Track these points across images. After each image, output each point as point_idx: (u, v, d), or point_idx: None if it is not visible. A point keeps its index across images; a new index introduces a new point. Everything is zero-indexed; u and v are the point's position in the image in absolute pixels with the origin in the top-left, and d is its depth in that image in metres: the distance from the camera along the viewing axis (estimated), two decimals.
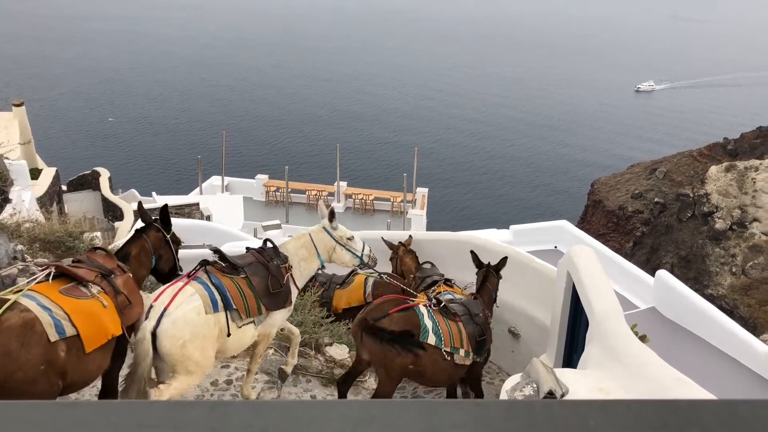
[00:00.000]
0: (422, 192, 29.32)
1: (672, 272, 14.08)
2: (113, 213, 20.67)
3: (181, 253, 5.99)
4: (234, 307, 5.29)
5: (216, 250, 5.74)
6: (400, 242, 9.58)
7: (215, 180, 29.45)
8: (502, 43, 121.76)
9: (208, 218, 21.17)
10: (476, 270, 7.77)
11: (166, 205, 5.86)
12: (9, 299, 4.21)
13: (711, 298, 32.07)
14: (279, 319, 5.87)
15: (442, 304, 6.62)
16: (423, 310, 6.32)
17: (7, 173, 12.37)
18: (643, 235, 45.50)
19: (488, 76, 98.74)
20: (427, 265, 9.00)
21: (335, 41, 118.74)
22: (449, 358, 6.30)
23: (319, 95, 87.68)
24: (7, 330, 4.06)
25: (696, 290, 11.52)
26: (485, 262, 7.83)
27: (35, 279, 4.63)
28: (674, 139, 70.02)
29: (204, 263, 5.44)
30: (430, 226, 28.04)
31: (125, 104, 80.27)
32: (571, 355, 6.92)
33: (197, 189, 28.63)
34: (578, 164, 67.68)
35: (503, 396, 4.56)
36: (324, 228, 6.30)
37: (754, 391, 7.93)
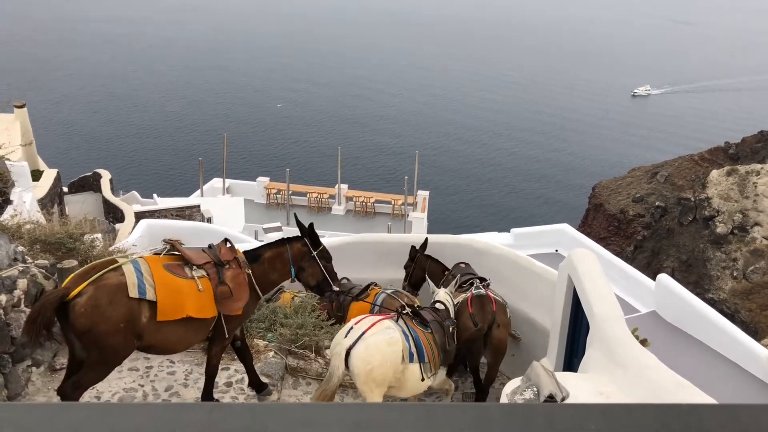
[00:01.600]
0: (423, 195, 29.32)
1: (673, 276, 14.07)
2: (114, 215, 20.68)
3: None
4: (426, 360, 6.22)
5: (412, 309, 6.78)
6: (413, 246, 9.45)
7: (216, 182, 29.47)
8: (503, 47, 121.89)
9: (209, 220, 21.18)
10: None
11: (312, 224, 6.39)
12: (118, 262, 5.06)
13: (712, 303, 32.02)
14: (443, 373, 6.80)
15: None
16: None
17: (8, 175, 12.37)
18: (644, 239, 45.46)
19: (489, 80, 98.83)
20: (462, 265, 8.98)
21: (337, 44, 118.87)
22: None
23: (321, 98, 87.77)
24: (103, 287, 4.88)
25: (697, 294, 11.51)
26: (482, 264, 7.90)
27: (153, 250, 5.48)
28: (675, 143, 70.00)
29: (401, 311, 6.50)
30: (431, 229, 28.02)
31: (127, 106, 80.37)
32: (571, 359, 6.91)
33: (198, 191, 28.65)
34: (579, 168, 67.69)
35: (504, 399, 4.55)
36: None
37: (755, 395, 7.91)
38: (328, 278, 6.14)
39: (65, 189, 21.86)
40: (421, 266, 9.19)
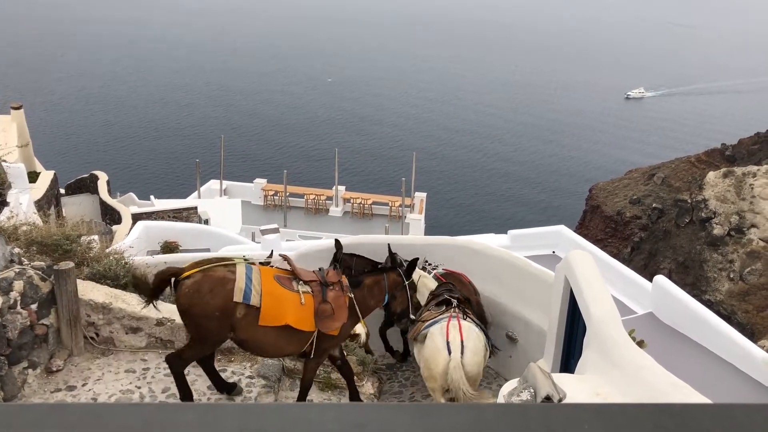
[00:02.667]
0: (420, 196, 29.32)
1: (670, 278, 14.08)
2: (111, 216, 20.65)
3: (182, 255, 6.12)
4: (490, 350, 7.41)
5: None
6: (336, 240, 8.56)
7: (213, 184, 29.44)
8: (500, 48, 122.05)
9: (206, 222, 21.15)
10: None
11: (416, 260, 6.92)
12: (232, 261, 5.72)
13: (709, 304, 32.09)
14: None
15: None
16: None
17: (5, 176, 12.35)
18: (641, 241, 45.53)
19: (486, 81, 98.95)
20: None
21: (334, 46, 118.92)
22: None
23: (318, 99, 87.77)
24: (208, 277, 5.55)
25: (694, 296, 11.51)
26: (479, 266, 7.89)
27: (269, 263, 6.09)
28: (668, 146, 70.11)
29: (456, 304, 7.30)
30: (428, 231, 28.06)
31: (125, 108, 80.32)
32: (568, 360, 6.91)
33: (195, 193, 28.61)
34: (576, 169, 67.79)
35: (501, 401, 4.55)
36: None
37: (751, 396, 7.92)
38: (410, 308, 6.69)
39: (62, 191, 21.82)
40: (347, 265, 8.65)
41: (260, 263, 5.96)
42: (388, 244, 7.52)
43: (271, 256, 6.38)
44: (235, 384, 6.48)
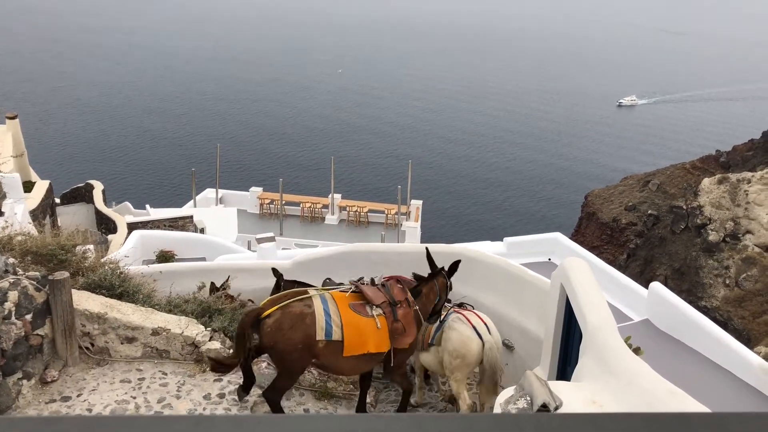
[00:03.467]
0: (416, 204, 29.34)
1: (666, 284, 14.09)
2: (107, 226, 20.58)
3: (178, 265, 6.08)
4: None
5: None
6: (274, 270, 8.58)
7: (209, 192, 29.40)
8: (495, 56, 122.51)
9: (202, 231, 21.11)
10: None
11: (458, 261, 7.37)
12: (308, 294, 6.11)
13: (705, 310, 32.14)
14: None
15: None
16: None
17: (0, 186, 12.32)
18: (636, 247, 45.60)
19: (481, 90, 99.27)
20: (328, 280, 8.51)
21: (331, 54, 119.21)
22: None
23: (314, 108, 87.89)
24: (288, 313, 5.95)
25: (690, 302, 11.52)
26: (475, 273, 7.92)
27: (340, 287, 6.48)
28: (660, 154, 70.35)
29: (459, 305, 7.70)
30: (424, 239, 28.05)
31: (120, 117, 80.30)
32: (565, 368, 6.90)
33: (191, 202, 28.57)
34: (572, 176, 67.94)
35: (497, 409, 4.54)
36: None
37: (748, 403, 7.92)
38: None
39: (57, 200, 21.76)
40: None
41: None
42: (426, 248, 7.78)
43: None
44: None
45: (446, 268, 7.31)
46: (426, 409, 8.14)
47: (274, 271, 8.47)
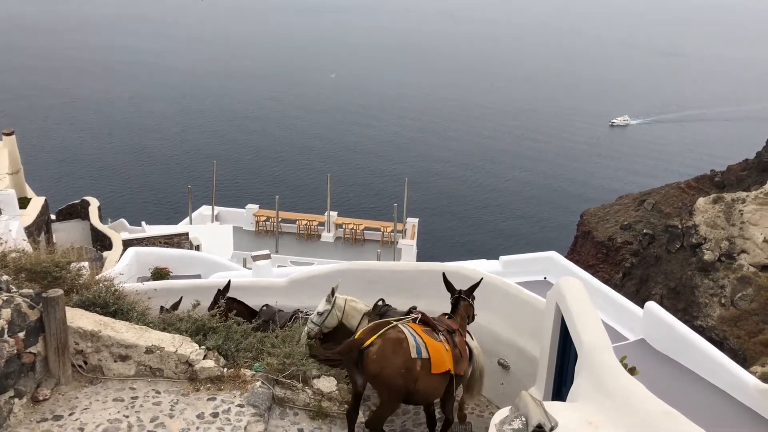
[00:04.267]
0: (412, 222, 29.37)
1: (661, 303, 14.09)
2: (102, 243, 20.53)
3: (173, 282, 6.05)
4: None
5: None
6: (218, 290, 9.21)
7: (205, 209, 29.39)
8: (491, 77, 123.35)
9: (198, 248, 21.07)
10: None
11: (478, 282, 7.87)
12: (392, 324, 6.57)
13: (700, 330, 32.12)
14: None
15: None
16: None
17: None
18: (632, 266, 45.67)
19: (478, 109, 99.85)
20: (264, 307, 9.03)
21: (327, 73, 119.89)
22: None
23: (311, 126, 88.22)
24: (387, 340, 6.35)
25: (685, 321, 11.54)
26: (468, 290, 7.90)
27: (409, 318, 6.89)
28: (652, 175, 70.69)
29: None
30: (420, 257, 28.05)
31: (117, 134, 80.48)
32: (560, 388, 6.88)
33: (187, 218, 28.55)
34: (567, 195, 68.16)
35: (492, 430, 4.52)
36: None
37: (743, 424, 7.90)
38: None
39: (53, 217, 21.71)
40: (229, 309, 8.51)
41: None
42: (443, 273, 7.92)
43: (416, 315, 7.05)
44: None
45: (463, 291, 7.72)
46: None
47: (219, 293, 8.60)
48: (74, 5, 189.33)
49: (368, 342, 6.26)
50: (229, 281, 9.39)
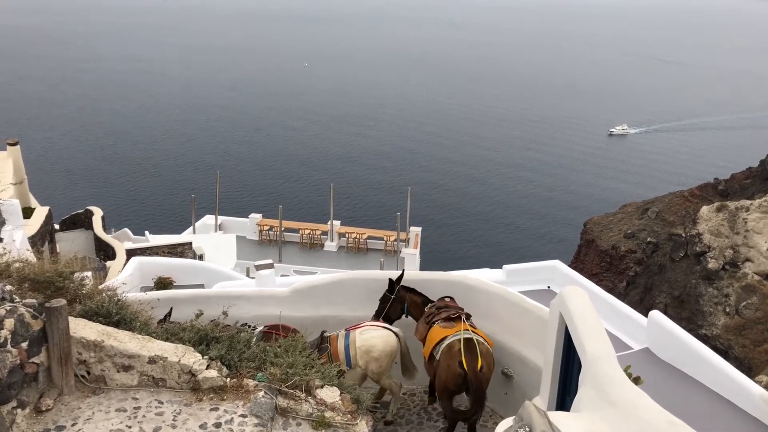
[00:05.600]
0: (416, 231, 29.35)
1: (665, 312, 14.04)
2: (105, 252, 20.53)
3: (176, 292, 6.03)
4: None
5: None
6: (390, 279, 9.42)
7: (209, 219, 29.41)
8: (495, 86, 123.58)
9: (201, 257, 21.07)
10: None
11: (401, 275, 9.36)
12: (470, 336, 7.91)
13: (705, 339, 31.98)
14: None
15: None
16: None
17: None
18: (636, 275, 45.52)
19: (481, 118, 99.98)
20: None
21: (330, 83, 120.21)
22: None
23: (314, 135, 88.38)
24: (485, 354, 7.95)
25: (690, 330, 11.47)
26: (474, 301, 8.00)
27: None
28: (648, 186, 70.57)
29: None
30: (424, 266, 28.01)
31: (122, 144, 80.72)
32: (564, 398, 6.85)
33: (190, 228, 28.57)
34: (570, 204, 68.07)
35: None
36: None
37: None
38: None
39: (57, 226, 21.74)
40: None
41: None
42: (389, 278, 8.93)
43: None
44: None
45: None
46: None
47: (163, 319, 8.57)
48: (80, 16, 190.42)
49: (480, 364, 7.49)
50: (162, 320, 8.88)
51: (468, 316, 8.44)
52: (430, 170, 75.86)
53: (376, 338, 8.16)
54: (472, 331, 8.02)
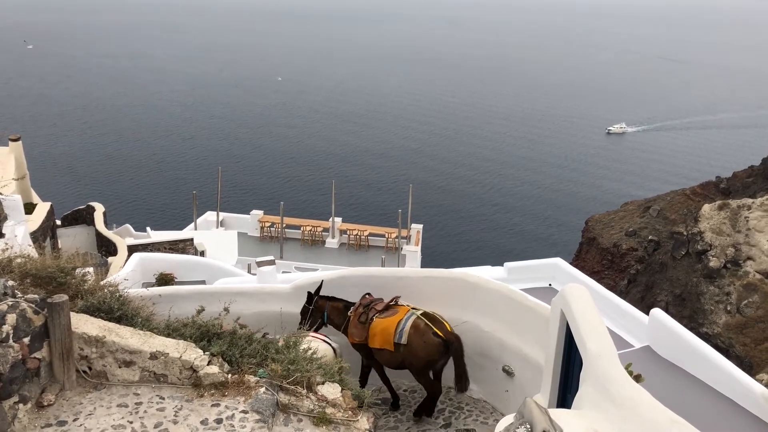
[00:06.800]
0: (417, 228, 29.35)
1: (666, 310, 14.03)
2: (107, 248, 20.56)
3: (177, 288, 6.03)
4: None
5: None
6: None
7: (210, 215, 29.42)
8: (496, 83, 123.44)
9: (202, 254, 21.08)
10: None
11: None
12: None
13: (706, 337, 31.97)
14: None
15: None
16: None
17: (1, 208, 12.34)
18: (637, 273, 45.48)
19: (483, 115, 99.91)
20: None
21: (333, 80, 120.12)
22: None
23: (316, 132, 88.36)
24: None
25: (691, 329, 11.48)
26: (475, 299, 8.05)
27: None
28: (646, 187, 70.38)
29: None
30: (425, 263, 28.02)
31: (124, 140, 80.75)
32: (565, 395, 6.85)
33: (192, 224, 28.59)
34: (572, 202, 68.03)
35: None
36: None
37: (750, 431, 7.85)
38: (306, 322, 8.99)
39: (58, 222, 21.76)
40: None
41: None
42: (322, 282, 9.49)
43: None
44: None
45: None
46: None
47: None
48: (82, 13, 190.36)
49: (449, 328, 8.02)
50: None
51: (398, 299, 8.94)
52: (432, 168, 75.85)
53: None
54: (414, 308, 8.56)
